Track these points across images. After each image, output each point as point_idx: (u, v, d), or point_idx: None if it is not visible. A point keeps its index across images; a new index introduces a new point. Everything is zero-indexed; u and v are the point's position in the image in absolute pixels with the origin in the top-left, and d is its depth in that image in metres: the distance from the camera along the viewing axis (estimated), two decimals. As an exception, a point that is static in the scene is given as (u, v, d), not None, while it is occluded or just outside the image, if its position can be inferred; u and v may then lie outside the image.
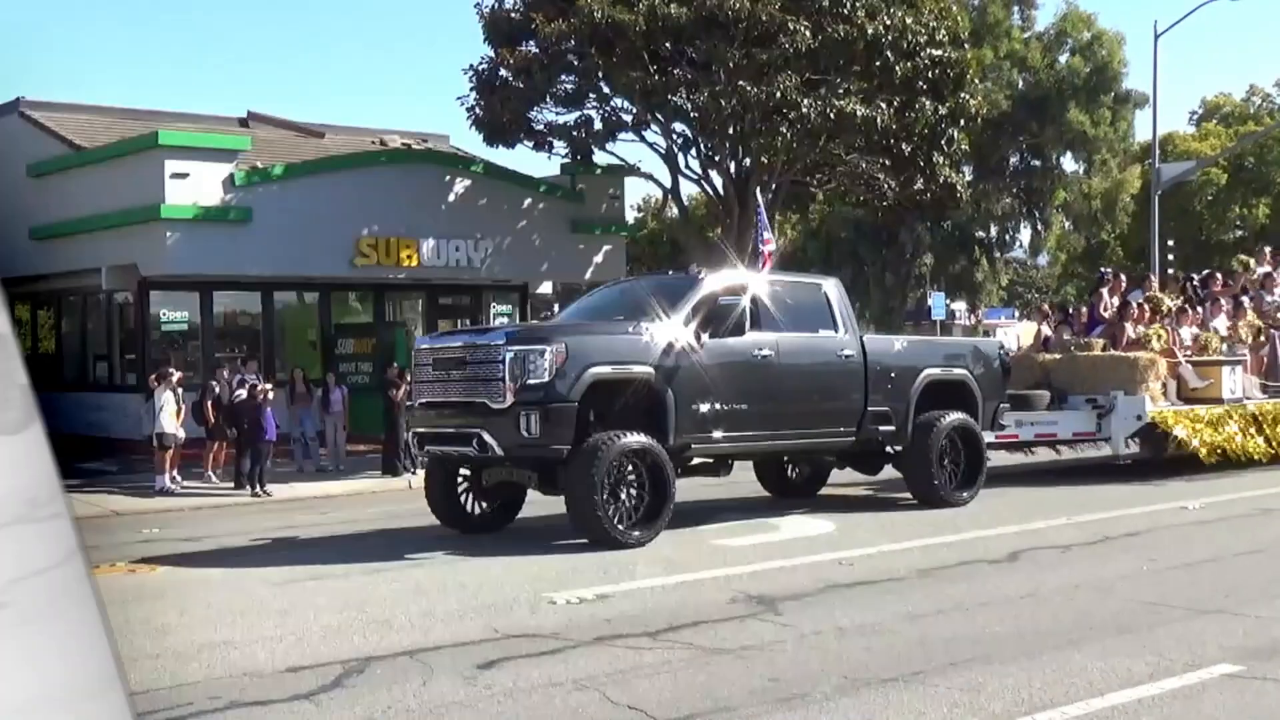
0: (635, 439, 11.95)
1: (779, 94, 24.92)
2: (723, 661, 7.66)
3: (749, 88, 24.92)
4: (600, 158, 29.31)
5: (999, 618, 8.86)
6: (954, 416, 14.84)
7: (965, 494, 14.92)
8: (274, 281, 24.87)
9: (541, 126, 28.45)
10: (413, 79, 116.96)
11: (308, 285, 25.91)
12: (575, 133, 28.30)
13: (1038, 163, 43.91)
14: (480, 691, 7.03)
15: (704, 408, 12.62)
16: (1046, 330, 20.80)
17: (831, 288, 14.60)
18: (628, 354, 12.28)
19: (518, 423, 11.66)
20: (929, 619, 8.85)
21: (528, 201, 28.05)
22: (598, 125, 28.34)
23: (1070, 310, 22.03)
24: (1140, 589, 9.89)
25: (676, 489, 12.37)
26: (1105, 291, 20.65)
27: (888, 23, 25.81)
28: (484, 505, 13.31)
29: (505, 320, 28.90)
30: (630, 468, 11.93)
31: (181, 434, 19.24)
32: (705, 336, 12.62)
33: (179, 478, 19.24)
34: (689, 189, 33.70)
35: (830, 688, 7.00)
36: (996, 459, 17.86)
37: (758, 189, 27.37)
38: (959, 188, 29.73)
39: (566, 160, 29.14)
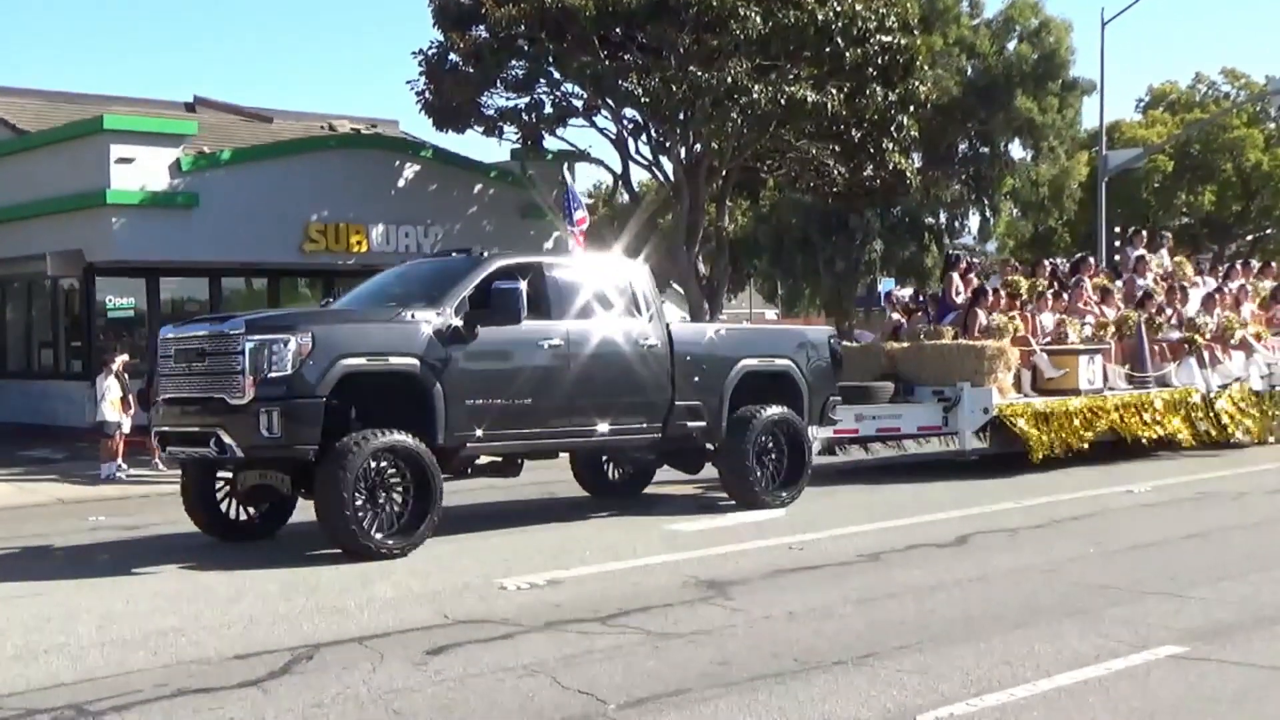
0: (393, 438, 10.83)
1: (729, 80, 24.91)
2: (674, 646, 7.68)
3: (699, 73, 24.89)
4: (551, 143, 29.24)
5: (948, 601, 8.92)
6: (774, 411, 13.66)
7: (785, 494, 13.74)
8: (222, 268, 24.65)
9: (492, 112, 28.32)
10: (361, 63, 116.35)
11: (256, 271, 25.71)
12: (525, 118, 28.18)
13: (986, 150, 44.08)
14: (430, 677, 7.01)
15: (480, 403, 11.52)
16: (898, 317, 19.89)
17: (636, 271, 13.59)
18: (387, 344, 11.14)
19: (257, 421, 10.52)
20: (878, 602, 8.90)
21: (478, 187, 27.95)
22: (548, 110, 28.24)
23: (923, 297, 20.76)
24: (1087, 571, 9.99)
25: (444, 493, 11.30)
26: (955, 275, 19.37)
27: (838, 8, 25.85)
28: (248, 510, 12.11)
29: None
30: (392, 470, 10.87)
31: (126, 421, 19.03)
32: (482, 324, 11.51)
33: (125, 466, 19.05)
34: (640, 175, 33.69)
35: (781, 671, 7.03)
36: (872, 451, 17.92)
37: (707, 173, 27.43)
38: (908, 174, 29.82)
39: (517, 146, 29.04)
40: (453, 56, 27.42)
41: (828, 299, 49.12)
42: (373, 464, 10.71)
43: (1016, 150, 45.09)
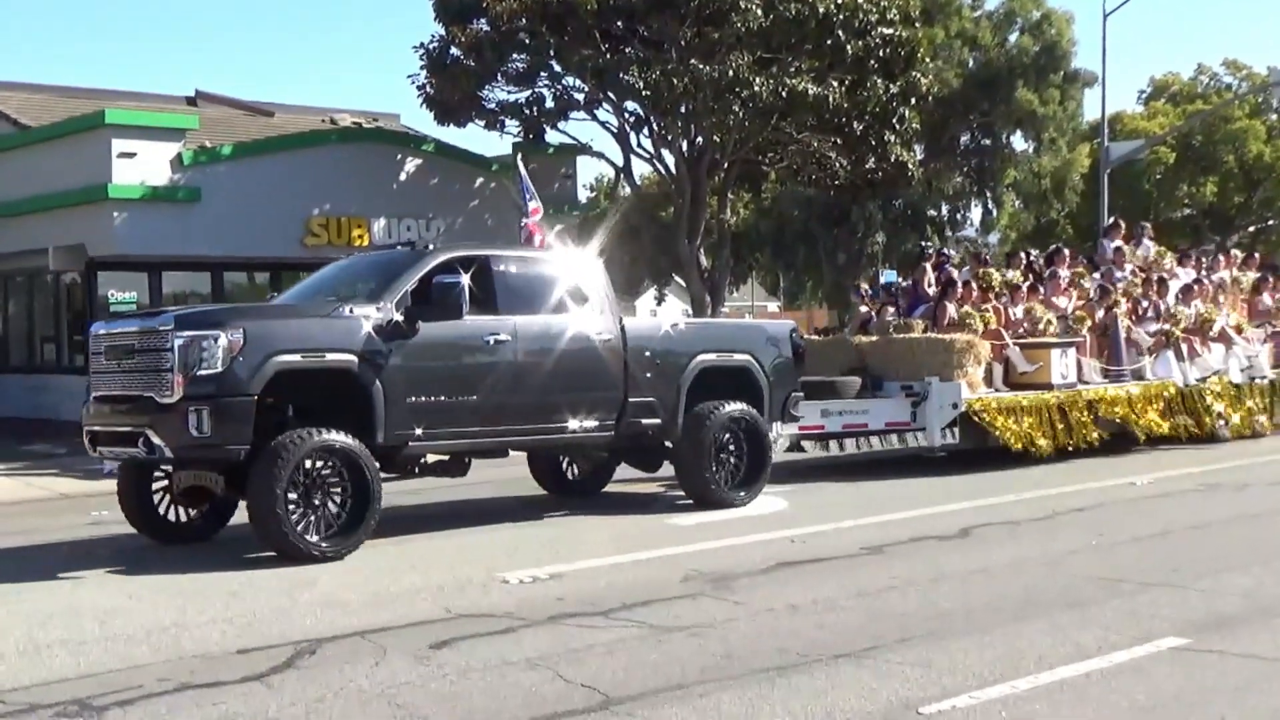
0: (329, 437, 10.45)
1: (731, 72, 24.92)
2: (676, 639, 7.69)
3: (701, 66, 24.90)
4: (552, 137, 29.25)
5: (950, 593, 8.93)
6: (732, 407, 13.23)
7: (743, 493, 13.31)
8: (224, 262, 24.66)
9: (493, 105, 28.34)
10: (363, 57, 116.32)
11: (258, 265, 25.71)
12: (527, 111, 28.20)
13: (988, 142, 44.09)
14: (433, 671, 7.02)
15: (422, 400, 11.16)
16: (867, 310, 19.41)
17: (588, 264, 13.21)
18: (323, 340, 10.75)
19: (186, 420, 10.13)
20: (880, 595, 8.90)
21: (479, 181, 27.94)
22: (549, 104, 28.26)
23: (894, 289, 20.21)
24: (1089, 564, 9.99)
25: (383, 493, 10.91)
26: (928, 267, 18.98)
27: (839, 1, 25.84)
28: (188, 511, 11.71)
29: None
30: (329, 470, 10.50)
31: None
32: (423, 319, 11.14)
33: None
34: (641, 168, 33.72)
35: (783, 664, 7.04)
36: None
37: (706, 168, 27.42)
38: (910, 166, 29.84)
39: (518, 139, 29.03)
40: (454, 50, 27.43)
41: (829, 291, 49.12)
42: (308, 464, 10.36)
43: (1018, 142, 45.12)
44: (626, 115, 28.69)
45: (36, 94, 28.24)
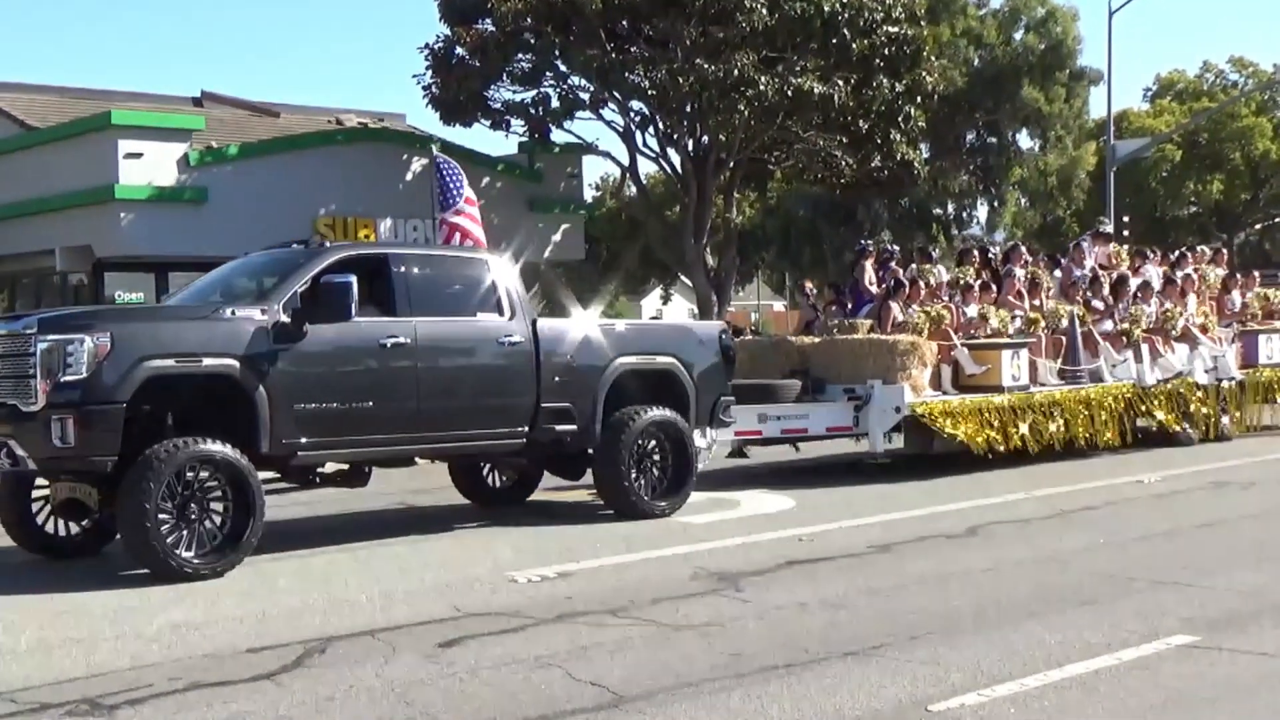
0: (207, 447, 9.79)
1: (736, 72, 24.94)
2: (685, 638, 7.69)
3: (706, 65, 24.92)
4: (558, 136, 29.28)
5: (958, 591, 8.93)
6: (654, 413, 12.56)
7: (664, 503, 12.63)
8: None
9: (498, 105, 28.38)
10: (368, 58, 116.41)
11: (264, 266, 25.70)
12: (532, 111, 28.24)
13: (994, 140, 44.05)
14: (442, 670, 7.03)
15: (312, 407, 10.47)
16: (810, 310, 18.65)
17: (498, 264, 12.44)
18: (200, 344, 10.06)
19: (49, 429, 9.49)
20: (890, 593, 8.90)
21: (485, 180, 27.93)
22: (555, 103, 28.30)
23: (842, 288, 19.21)
24: (1098, 562, 9.99)
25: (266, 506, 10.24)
26: (867, 265, 17.86)
27: (844, 0, 25.85)
28: (69, 525, 10.98)
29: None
30: (210, 482, 9.85)
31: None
32: (311, 321, 10.45)
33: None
34: (647, 167, 33.73)
35: (792, 662, 7.04)
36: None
37: (711, 167, 27.40)
38: (916, 165, 29.85)
39: (524, 139, 29.05)
40: (459, 50, 27.47)
41: (836, 290, 49.04)
42: (186, 475, 9.71)
43: (1024, 140, 45.08)
44: (632, 114, 28.72)
45: (42, 95, 28.28)
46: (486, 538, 11.65)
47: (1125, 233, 38.66)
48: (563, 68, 27.66)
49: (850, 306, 17.63)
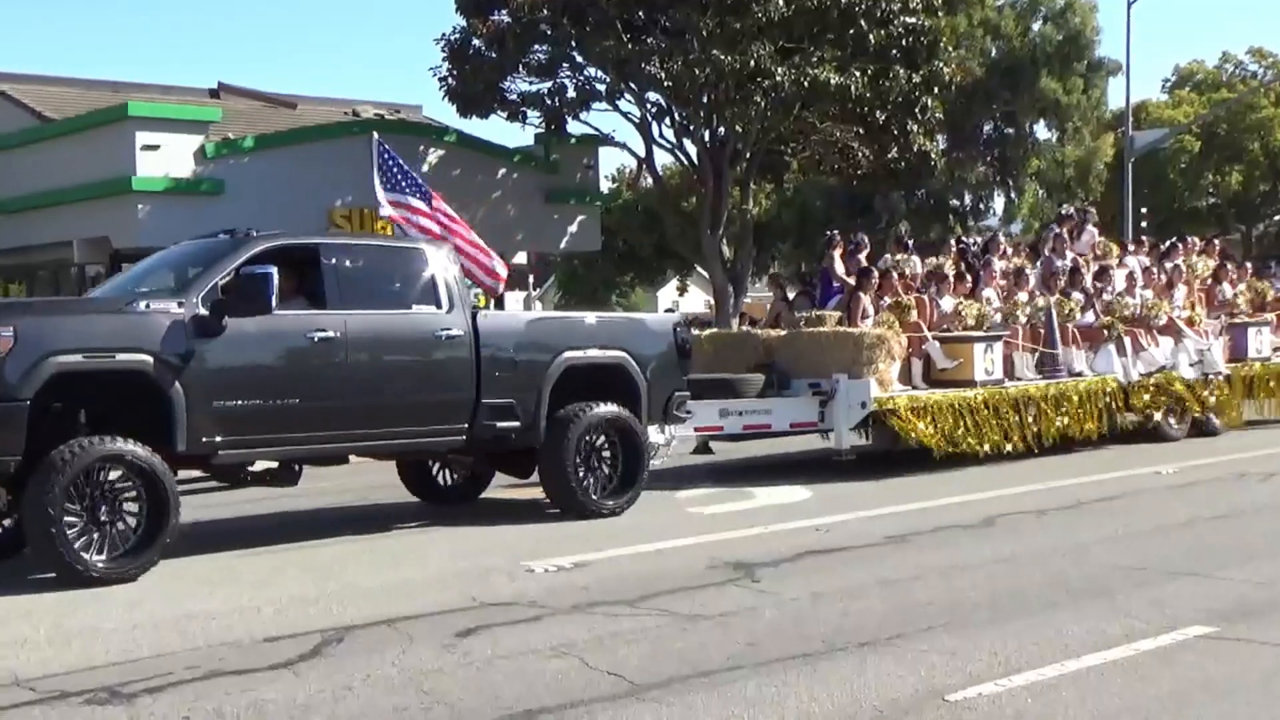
0: (117, 446, 9.38)
1: (753, 62, 24.92)
2: (701, 627, 7.70)
3: (723, 56, 24.89)
4: (574, 127, 29.28)
5: (975, 582, 8.92)
6: (603, 409, 12.11)
7: (612, 502, 12.16)
8: (247, 254, 24.72)
9: (515, 96, 28.41)
10: (385, 49, 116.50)
11: (281, 257, 25.76)
12: (549, 102, 28.25)
13: (1011, 131, 43.96)
14: (459, 659, 7.05)
15: (232, 404, 10.01)
16: (779, 302, 18.03)
17: (436, 255, 11.88)
18: (112, 339, 9.61)
19: None
20: (905, 584, 8.90)
21: (501, 172, 27.98)
22: (571, 95, 28.29)
23: (810, 279, 18.39)
24: (1115, 553, 9.97)
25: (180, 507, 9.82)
26: (835, 255, 17.06)
27: (861, -10, 25.82)
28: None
29: (479, 290, 28.81)
30: (123, 483, 9.43)
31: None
32: (230, 315, 9.99)
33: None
34: (663, 158, 33.72)
35: (809, 652, 7.04)
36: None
37: (729, 157, 27.34)
38: (933, 156, 29.82)
39: (540, 130, 29.05)
40: (475, 42, 27.48)
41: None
42: (96, 476, 9.30)
43: (1041, 131, 45.00)
44: (648, 106, 28.71)
45: (59, 87, 28.36)
46: (503, 528, 11.66)
47: (1144, 224, 38.56)
48: (579, 59, 27.66)
49: (818, 298, 17.06)
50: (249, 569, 9.81)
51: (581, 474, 12.04)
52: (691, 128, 28.67)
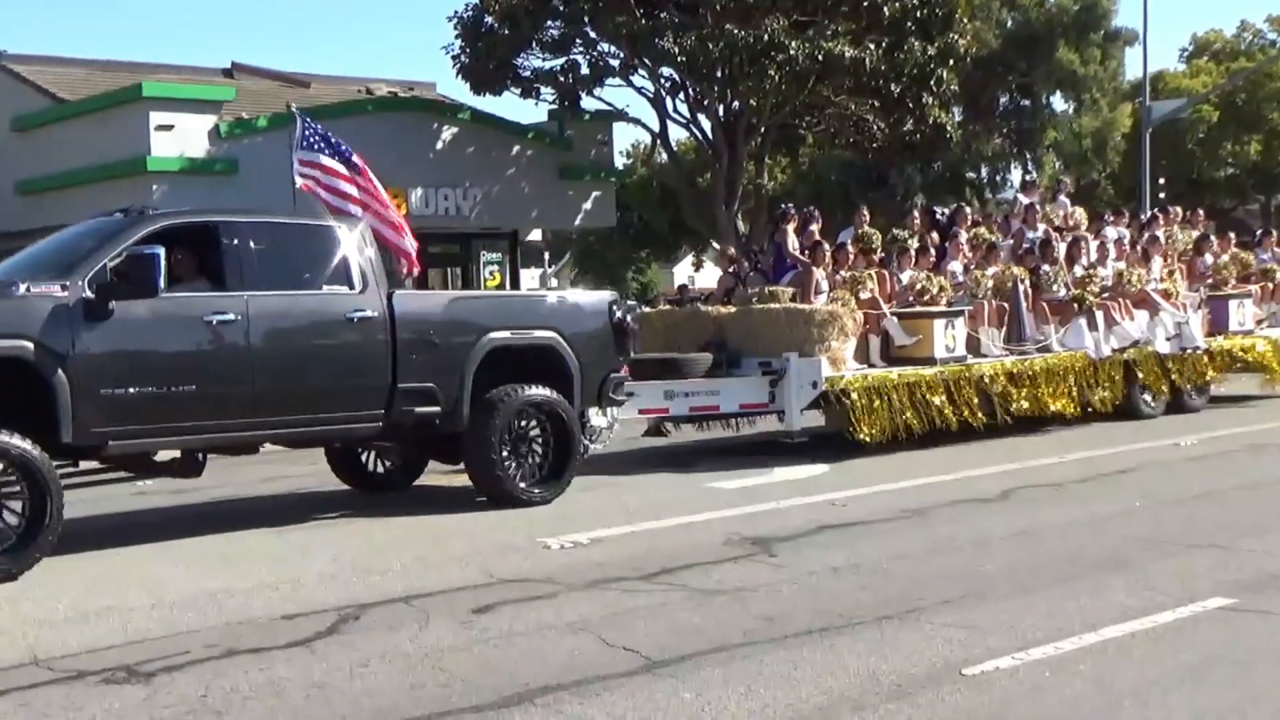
0: None
1: (766, 36, 24.83)
2: (717, 602, 7.69)
3: (736, 30, 24.81)
4: (588, 103, 29.24)
5: (992, 555, 8.89)
6: (531, 392, 11.50)
7: (540, 490, 11.56)
8: (262, 233, 24.78)
9: (528, 73, 28.36)
10: (398, 27, 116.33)
11: (296, 236, 25.82)
12: (562, 79, 28.20)
13: (1027, 103, 43.79)
14: (476, 635, 7.05)
15: (121, 392, 9.46)
16: (730, 277, 17.32)
17: (349, 234, 11.22)
18: None
19: None
20: (923, 558, 8.88)
21: (516, 149, 27.96)
22: (585, 71, 28.25)
23: (761, 253, 17.62)
24: (1133, 525, 9.93)
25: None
26: (789, 229, 16.18)
27: (875, -38, 25.68)
28: None
29: (494, 269, 28.85)
30: (9, 477, 8.95)
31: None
32: (117, 298, 9.46)
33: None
34: (678, 134, 33.67)
35: (826, 626, 7.03)
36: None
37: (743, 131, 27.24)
38: (949, 128, 29.69)
39: (554, 107, 29.01)
40: (488, 19, 27.42)
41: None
42: None
43: (1058, 102, 44.81)
44: (662, 81, 28.64)
45: (73, 68, 28.41)
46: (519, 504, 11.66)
47: (1162, 195, 38.36)
48: (592, 34, 27.60)
49: (771, 274, 16.15)
50: (266, 547, 9.83)
51: (508, 460, 11.44)
52: (706, 102, 28.58)
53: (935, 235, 17.39)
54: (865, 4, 26.01)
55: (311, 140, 13.88)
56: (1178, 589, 7.72)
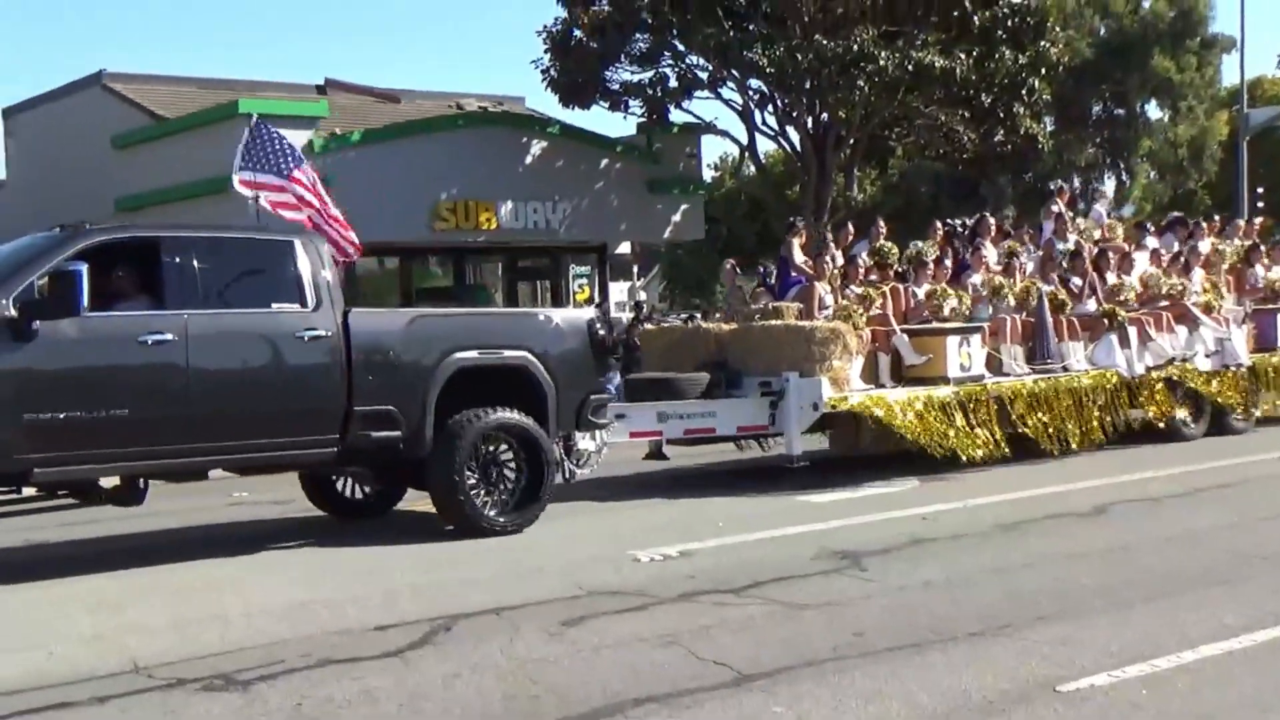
0: None
1: (855, 47, 24.72)
2: (807, 616, 7.66)
3: (825, 41, 24.73)
4: (676, 116, 29.26)
5: (1087, 571, 8.77)
6: (496, 416, 10.82)
7: (505, 519, 10.86)
8: (355, 247, 25.07)
9: (616, 86, 28.46)
10: (487, 42, 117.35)
11: (388, 250, 26.07)
12: (650, 92, 28.26)
13: (1121, 111, 43.20)
14: (566, 648, 7.08)
15: (48, 417, 8.98)
16: (735, 292, 16.65)
17: (301, 248, 10.55)
18: None
19: None
20: (1015, 572, 8.79)
21: (604, 162, 28.06)
22: (673, 83, 28.29)
23: (768, 268, 16.96)
24: (1232, 540, 9.75)
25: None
26: (795, 243, 15.64)
27: (965, -29, 25.51)
28: None
29: (583, 282, 28.98)
30: None
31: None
32: (40, 318, 8.99)
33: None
34: (766, 146, 33.58)
35: (917, 641, 6.98)
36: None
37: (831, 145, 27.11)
38: (1040, 138, 29.37)
39: (642, 120, 29.09)
40: (577, 32, 27.57)
41: (959, 267, 48.44)
42: None
43: (1153, 111, 44.17)
44: (751, 93, 28.59)
45: (172, 86, 28.92)
46: (608, 517, 11.71)
47: (1260, 204, 37.66)
48: (680, 47, 27.64)
49: (777, 289, 15.55)
50: (358, 559, 9.94)
51: (475, 487, 10.82)
52: (794, 114, 28.50)
53: (953, 250, 16.53)
54: (955, 13, 25.82)
55: (263, 155, 13.58)
56: (1278, 606, 7.57)
